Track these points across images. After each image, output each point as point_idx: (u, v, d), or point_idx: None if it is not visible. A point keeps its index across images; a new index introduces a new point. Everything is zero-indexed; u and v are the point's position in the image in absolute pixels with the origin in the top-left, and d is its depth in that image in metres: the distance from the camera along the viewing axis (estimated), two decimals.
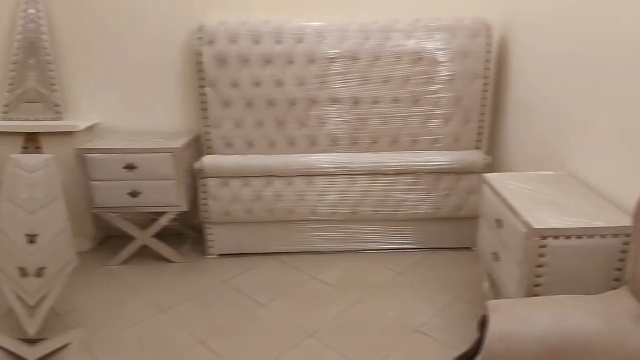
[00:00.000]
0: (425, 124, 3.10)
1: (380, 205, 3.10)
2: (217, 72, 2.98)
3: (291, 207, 3.08)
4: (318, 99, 3.04)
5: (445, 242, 3.26)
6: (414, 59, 2.99)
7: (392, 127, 3.10)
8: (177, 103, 3.25)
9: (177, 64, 3.16)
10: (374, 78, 3.02)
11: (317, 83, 3.01)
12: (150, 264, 3.14)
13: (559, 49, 2.45)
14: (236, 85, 3.00)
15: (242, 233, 3.18)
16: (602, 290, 1.73)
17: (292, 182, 3.05)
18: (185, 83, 3.20)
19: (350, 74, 3.00)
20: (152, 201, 2.99)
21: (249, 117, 3.06)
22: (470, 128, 3.13)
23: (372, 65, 3.00)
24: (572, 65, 2.33)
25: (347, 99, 3.05)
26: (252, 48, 2.95)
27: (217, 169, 2.99)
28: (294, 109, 3.05)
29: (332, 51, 2.97)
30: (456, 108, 3.08)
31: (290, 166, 3.01)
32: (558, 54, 2.46)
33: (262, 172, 3.02)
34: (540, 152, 2.66)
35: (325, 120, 3.08)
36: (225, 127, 3.08)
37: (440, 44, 2.98)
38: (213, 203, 3.05)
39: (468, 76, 3.03)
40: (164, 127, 3.28)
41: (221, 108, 3.04)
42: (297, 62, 2.97)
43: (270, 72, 2.98)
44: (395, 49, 2.97)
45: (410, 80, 3.02)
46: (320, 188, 3.06)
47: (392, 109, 3.07)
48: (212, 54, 2.95)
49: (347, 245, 3.23)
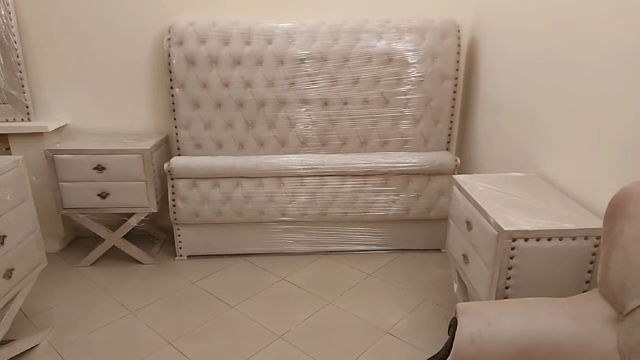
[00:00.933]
0: (395, 125, 3.14)
1: (349, 206, 3.14)
2: (186, 73, 3.00)
3: (261, 208, 3.11)
4: (287, 100, 3.07)
5: (415, 243, 3.30)
6: (384, 60, 3.02)
7: (362, 129, 3.14)
8: (146, 104, 3.28)
9: (146, 65, 3.18)
10: (344, 79, 3.05)
11: (286, 84, 3.04)
12: (120, 266, 3.17)
13: (530, 50, 2.49)
14: (205, 86, 3.03)
15: (212, 234, 3.21)
16: (573, 292, 1.77)
17: (262, 183, 3.08)
18: (155, 84, 3.23)
19: (320, 75, 3.04)
20: (122, 202, 3.01)
21: (218, 118, 3.09)
22: (439, 129, 3.17)
23: (342, 66, 3.03)
24: (542, 66, 2.37)
25: (316, 100, 3.08)
26: (221, 49, 2.98)
27: (186, 170, 3.02)
28: (264, 110, 3.08)
29: (301, 52, 3.00)
30: (426, 109, 3.12)
31: (259, 167, 3.04)
32: (528, 54, 2.50)
33: (231, 173, 3.05)
34: (509, 153, 2.71)
35: (294, 121, 3.11)
36: (194, 128, 3.10)
37: (410, 45, 3.02)
38: (182, 204, 3.08)
39: (438, 77, 3.07)
40: (134, 128, 3.31)
41: (190, 109, 3.07)
42: (266, 63, 3.00)
43: (240, 73, 3.01)
44: (365, 50, 3.01)
45: (380, 82, 3.06)
46: (289, 189, 3.09)
47: (362, 110, 3.11)
48: (182, 55, 2.97)
49: (317, 246, 3.27)
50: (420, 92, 3.09)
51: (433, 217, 3.20)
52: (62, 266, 3.17)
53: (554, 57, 2.26)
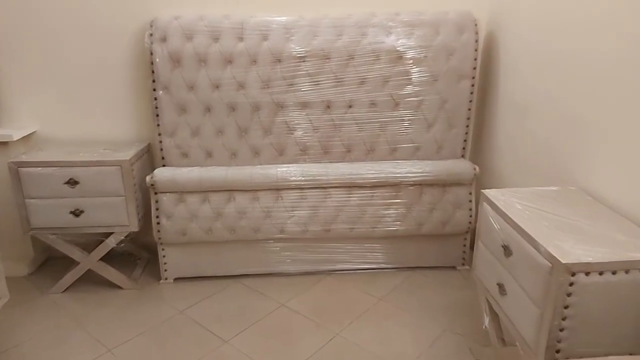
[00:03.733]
0: (406, 130, 2.86)
1: (356, 221, 2.85)
2: (170, 73, 2.69)
3: (256, 225, 2.81)
4: (285, 103, 2.78)
5: (427, 260, 3.03)
6: (394, 58, 2.74)
7: (369, 134, 2.85)
8: (126, 108, 2.96)
9: (125, 65, 2.87)
10: (349, 79, 2.76)
11: (284, 85, 2.75)
12: (97, 291, 2.85)
13: (561, 44, 2.21)
14: (193, 87, 2.72)
15: (201, 255, 2.90)
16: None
17: (257, 197, 2.78)
18: (136, 86, 2.91)
19: (322, 74, 2.74)
20: (98, 221, 2.69)
21: (207, 124, 2.79)
22: (455, 134, 2.90)
23: (347, 65, 2.74)
24: (578, 61, 2.08)
25: (318, 103, 2.79)
26: (210, 46, 2.67)
27: (171, 183, 2.71)
28: (259, 115, 2.78)
29: (301, 49, 2.70)
30: (440, 112, 2.85)
31: (254, 179, 2.74)
32: (560, 49, 2.21)
33: (222, 186, 2.75)
34: (541, 162, 2.41)
35: (293, 126, 2.82)
36: (180, 135, 2.80)
37: (423, 41, 2.74)
38: (167, 222, 2.77)
39: (453, 76, 2.80)
40: (112, 135, 2.99)
41: (176, 114, 2.76)
42: (261, 61, 2.70)
43: (232, 73, 2.71)
44: (373, 46, 2.72)
45: (388, 82, 2.78)
46: (289, 203, 2.80)
47: (369, 114, 2.82)
48: (165, 53, 2.66)
49: (320, 266, 2.98)
50: (434, 93, 2.81)
51: (448, 232, 2.93)
52: (32, 294, 2.84)
53: (593, 49, 1.97)
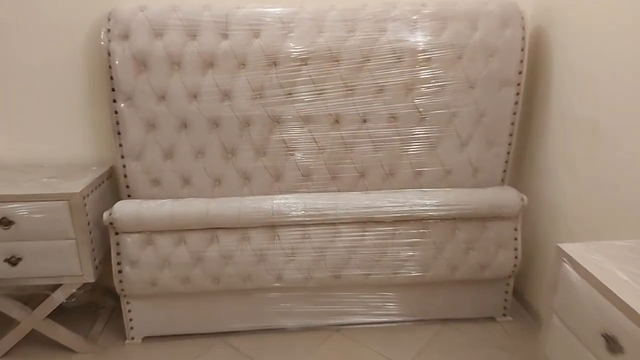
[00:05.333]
0: (434, 150, 2.31)
1: (373, 266, 2.29)
2: (134, 80, 2.12)
3: (247, 272, 2.24)
4: (283, 116, 2.21)
5: (461, 311, 2.47)
6: (419, 60, 2.19)
7: (388, 155, 2.29)
8: (79, 123, 2.37)
9: (78, 68, 2.28)
10: (363, 87, 2.20)
11: (281, 94, 2.18)
12: (44, 356, 2.27)
13: None
14: (164, 97, 2.15)
15: (177, 308, 2.33)
16: None
17: (248, 236, 2.21)
18: (91, 95, 2.33)
19: (329, 81, 2.18)
20: (41, 270, 2.11)
21: (183, 143, 2.21)
22: (494, 154, 2.35)
23: (360, 68, 2.18)
24: None
25: (324, 117, 2.23)
26: (186, 44, 2.10)
27: (136, 220, 2.13)
28: (249, 131, 2.22)
29: (302, 49, 2.14)
30: (476, 127, 2.30)
31: (244, 214, 2.17)
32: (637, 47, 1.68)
33: (203, 224, 2.17)
34: (616, 194, 1.87)
35: (293, 146, 2.25)
36: (149, 158, 2.22)
37: (456, 38, 2.18)
38: (132, 270, 2.19)
39: (494, 83, 2.25)
40: (62, 157, 2.40)
41: (143, 130, 2.19)
42: (252, 64, 2.14)
43: (214, 80, 2.14)
44: (393, 45, 2.17)
45: (413, 90, 2.22)
46: (287, 244, 2.23)
47: (388, 130, 2.26)
48: (128, 54, 2.09)
49: (327, 320, 2.42)
50: (469, 103, 2.26)
51: (488, 277, 2.38)
52: None
53: None
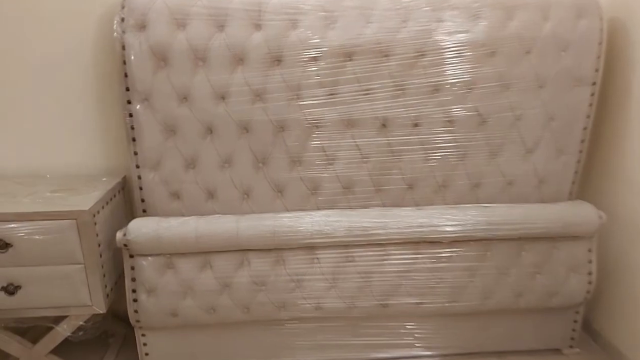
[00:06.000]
0: (494, 158, 2.02)
1: (426, 293, 1.99)
2: (153, 78, 1.83)
3: (281, 299, 1.95)
4: (323, 120, 1.92)
5: (523, 342, 2.18)
6: (481, 55, 1.90)
7: (442, 164, 2.00)
8: (88, 128, 2.08)
9: (85, 64, 2.00)
10: (415, 86, 1.91)
11: (321, 95, 1.89)
12: None
13: None
14: (186, 98, 1.86)
15: (200, 342, 2.03)
16: None
17: (283, 258, 1.92)
18: (101, 95, 2.04)
19: (377, 79, 1.89)
20: (43, 300, 1.81)
21: (208, 151, 1.92)
22: (563, 163, 2.06)
23: (413, 65, 1.89)
24: None
25: (369, 121, 1.94)
26: (213, 37, 1.81)
27: (154, 241, 1.84)
28: (284, 138, 1.93)
29: (346, 42, 1.85)
30: (544, 131, 2.01)
31: (279, 233, 1.88)
32: None
33: (233, 245, 1.88)
34: None
35: (333, 154, 1.97)
36: (168, 168, 1.93)
37: (524, 30, 1.90)
38: (149, 299, 1.90)
39: (566, 81, 1.96)
40: (67, 167, 2.11)
41: (162, 136, 1.90)
42: (288, 60, 1.85)
43: (244, 78, 1.85)
44: (451, 38, 1.88)
45: (473, 90, 1.93)
46: (328, 268, 1.94)
47: (442, 136, 1.97)
48: (145, 47, 1.80)
49: (370, 353, 2.12)
50: (537, 104, 1.97)
51: (556, 305, 2.08)
52: None
53: None
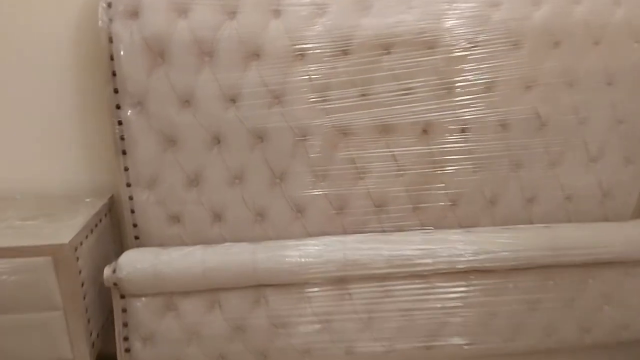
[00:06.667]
0: (553, 169, 1.72)
1: (478, 332, 1.68)
2: (148, 77, 1.49)
3: (305, 344, 1.62)
4: (353, 126, 1.60)
5: None
6: (542, 45, 1.60)
7: (492, 176, 1.70)
8: (65, 138, 1.71)
9: (63, 60, 1.64)
10: (464, 83, 1.60)
11: (352, 95, 1.57)
12: None
13: None
14: (189, 102, 1.53)
15: None
16: None
17: (308, 295, 1.60)
18: (82, 98, 1.69)
19: (419, 75, 1.58)
20: (13, 354, 1.47)
21: (215, 165, 1.59)
22: (632, 174, 1.77)
23: (462, 58, 1.58)
24: None
25: (409, 126, 1.62)
26: (222, 26, 1.48)
27: (153, 278, 1.50)
28: (306, 147, 1.60)
29: (380, 32, 1.53)
30: (611, 136, 1.73)
31: (305, 265, 1.55)
32: None
33: (246, 280, 1.55)
34: None
35: (364, 166, 1.65)
36: (166, 185, 1.59)
37: (591, 16, 1.61)
38: (145, 349, 1.56)
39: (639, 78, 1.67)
40: (41, 186, 1.75)
41: (159, 148, 1.56)
42: (313, 54, 1.52)
43: (260, 76, 1.52)
44: (508, 25, 1.58)
45: (532, 87, 1.63)
46: (362, 305, 1.62)
47: (495, 143, 1.67)
48: (138, 39, 1.46)
49: None
50: (605, 105, 1.68)
51: (626, 339, 1.79)
52: None
53: None
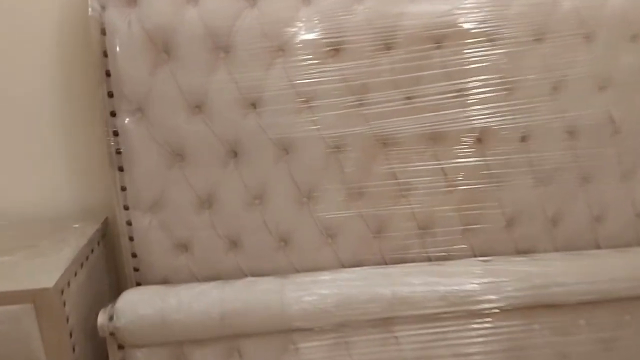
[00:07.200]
0: (627, 181, 1.48)
1: None
2: (150, 77, 1.22)
3: None
4: (396, 134, 1.34)
5: None
6: (621, 37, 1.35)
7: (557, 191, 1.45)
8: (51, 152, 1.44)
9: (47, 60, 1.37)
10: (528, 82, 1.35)
11: (397, 97, 1.31)
12: None
13: None
14: (200, 107, 1.26)
15: None
16: None
17: (346, 340, 1.32)
18: (68, 104, 1.42)
19: (475, 73, 1.32)
20: None
21: (231, 182, 1.32)
22: None
23: (528, 52, 1.33)
24: None
25: (462, 133, 1.36)
26: (241, 15, 1.22)
27: (159, 325, 1.22)
28: (339, 160, 1.34)
29: (430, 21, 1.28)
30: None
31: (343, 305, 1.28)
32: None
33: (273, 323, 1.28)
34: None
35: (407, 184, 1.38)
36: (172, 208, 1.32)
37: None
38: None
39: None
40: (22, 209, 1.47)
41: (163, 163, 1.29)
42: (349, 49, 1.26)
43: (286, 74, 1.26)
44: (580, 13, 1.33)
45: (607, 87, 1.39)
46: (410, 351, 1.35)
47: (561, 152, 1.42)
48: (138, 31, 1.20)
49: None
50: None
51: None
52: None
53: None
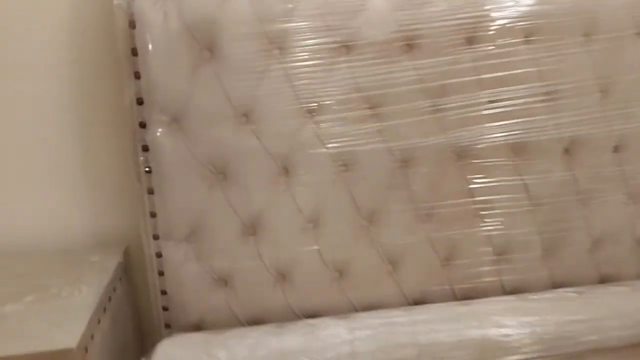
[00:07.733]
0: None
1: None
2: (189, 82, 1.02)
3: None
4: (474, 145, 1.15)
5: None
6: None
7: None
8: (64, 171, 1.22)
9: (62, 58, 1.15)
10: (626, 82, 1.19)
11: (477, 101, 1.13)
12: None
13: None
14: (248, 116, 1.05)
15: None
16: None
17: None
18: (89, 114, 1.20)
19: (569, 73, 1.15)
20: None
21: (281, 205, 1.11)
22: None
23: (627, 46, 1.17)
24: None
25: (550, 143, 1.18)
26: (298, 5, 1.03)
27: None
28: (407, 177, 1.14)
29: (519, 12, 1.10)
30: None
31: (424, 351, 1.08)
32: None
33: None
34: None
35: (485, 200, 1.19)
36: (212, 236, 1.10)
37: None
38: None
39: None
40: (29, 239, 1.23)
41: (203, 185, 1.07)
42: (426, 44, 1.08)
43: (351, 74, 1.07)
44: None
45: None
46: None
47: None
48: (176, 27, 1.00)
49: None
50: None
51: None
52: None
53: None
